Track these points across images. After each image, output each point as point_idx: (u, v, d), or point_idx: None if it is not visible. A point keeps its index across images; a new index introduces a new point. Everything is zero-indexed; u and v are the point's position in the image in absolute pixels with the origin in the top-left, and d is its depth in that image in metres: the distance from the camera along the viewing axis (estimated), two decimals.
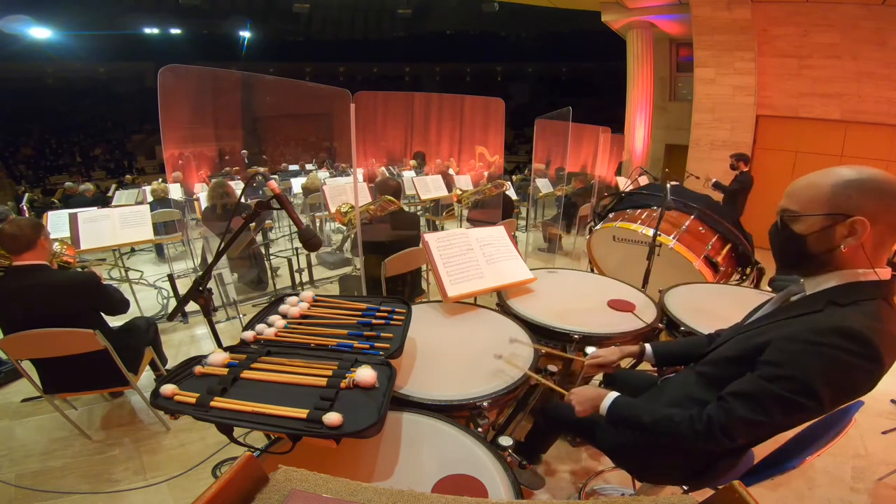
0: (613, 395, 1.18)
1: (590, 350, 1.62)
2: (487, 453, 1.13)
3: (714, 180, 5.12)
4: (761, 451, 1.31)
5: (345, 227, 4.40)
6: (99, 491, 1.95)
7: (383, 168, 8.12)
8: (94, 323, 2.00)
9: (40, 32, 12.02)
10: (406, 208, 3.39)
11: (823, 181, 0.94)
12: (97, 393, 2.50)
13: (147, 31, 14.28)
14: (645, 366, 1.65)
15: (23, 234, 1.96)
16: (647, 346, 1.47)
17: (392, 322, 1.47)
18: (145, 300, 4.05)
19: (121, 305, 2.24)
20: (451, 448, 1.16)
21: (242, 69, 3.71)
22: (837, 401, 0.92)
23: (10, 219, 2.06)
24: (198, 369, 1.12)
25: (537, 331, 1.79)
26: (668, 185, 2.57)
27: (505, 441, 1.21)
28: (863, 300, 0.92)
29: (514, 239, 2.35)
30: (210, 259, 1.41)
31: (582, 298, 2.11)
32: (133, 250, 5.77)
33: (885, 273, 0.95)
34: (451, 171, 7.12)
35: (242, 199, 3.09)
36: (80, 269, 2.33)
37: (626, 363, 2.11)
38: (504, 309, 2.00)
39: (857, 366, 0.86)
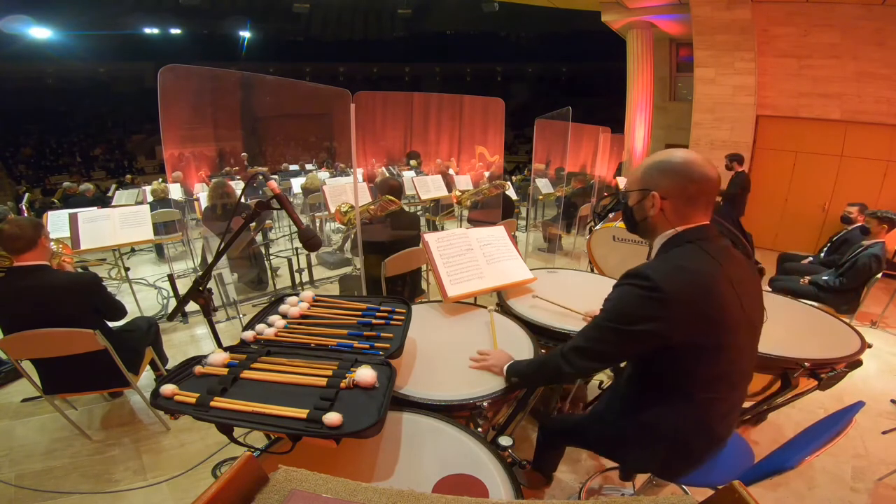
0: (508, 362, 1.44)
1: None
2: (487, 453, 1.13)
3: None
4: (761, 450, 1.31)
5: (344, 227, 4.39)
6: (99, 491, 1.95)
7: (383, 168, 8.12)
8: (95, 324, 2.00)
9: (40, 32, 12.00)
10: (406, 208, 3.39)
11: (641, 164, 1.19)
12: (97, 393, 2.50)
13: (147, 31, 14.25)
14: None
15: (24, 234, 1.94)
16: None
17: (392, 322, 1.47)
18: (145, 300, 4.05)
19: (119, 312, 2.24)
20: (451, 448, 1.16)
21: (242, 69, 3.70)
22: (634, 322, 1.09)
23: (9, 218, 2.05)
24: (198, 369, 1.12)
25: (537, 331, 1.79)
26: None
27: (505, 441, 1.21)
28: (666, 250, 1.16)
29: (514, 239, 2.35)
30: (210, 259, 1.41)
31: (582, 298, 2.11)
32: (133, 250, 5.77)
33: (689, 224, 1.14)
34: (451, 172, 7.12)
35: (242, 199, 3.09)
36: (79, 271, 2.32)
37: None
38: (504, 309, 2.00)
39: (636, 293, 1.09)
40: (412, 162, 8.39)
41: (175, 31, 14.55)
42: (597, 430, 1.40)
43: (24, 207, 6.00)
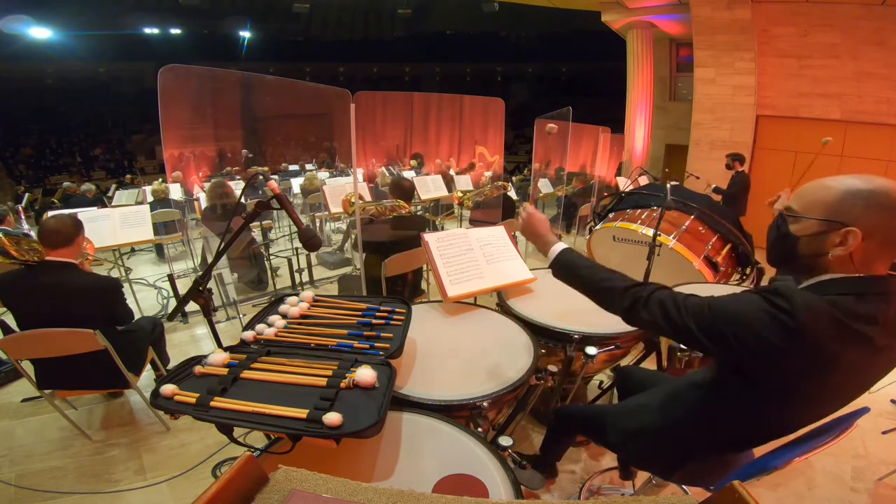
0: (563, 245, 1.28)
1: (590, 350, 1.62)
2: (487, 453, 1.13)
3: (714, 186, 5.13)
4: (759, 449, 1.31)
5: (348, 218, 4.38)
6: (99, 491, 1.95)
7: (383, 168, 8.12)
8: (105, 326, 2.01)
9: (40, 32, 12.00)
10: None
11: (835, 186, 0.91)
12: (97, 393, 2.50)
13: (147, 31, 14.26)
14: (651, 363, 1.64)
15: (65, 229, 1.99)
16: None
17: (392, 322, 1.46)
18: (145, 300, 4.05)
19: (128, 318, 2.26)
20: (451, 448, 1.16)
21: (242, 69, 3.72)
22: (742, 337, 0.89)
23: (53, 213, 2.08)
24: (198, 369, 1.11)
25: (537, 331, 1.79)
26: (668, 185, 2.56)
27: (505, 441, 1.21)
28: (824, 290, 0.92)
29: (514, 239, 2.35)
30: (210, 259, 1.41)
31: (582, 298, 2.10)
32: (133, 250, 5.77)
33: (871, 272, 0.92)
34: (451, 172, 7.12)
35: (242, 200, 3.10)
36: (100, 274, 2.33)
37: (631, 358, 2.12)
38: (504, 309, 2.00)
39: (766, 309, 0.88)
40: (412, 162, 8.40)
41: (175, 31, 14.56)
42: (621, 425, 1.35)
43: (20, 209, 5.94)
